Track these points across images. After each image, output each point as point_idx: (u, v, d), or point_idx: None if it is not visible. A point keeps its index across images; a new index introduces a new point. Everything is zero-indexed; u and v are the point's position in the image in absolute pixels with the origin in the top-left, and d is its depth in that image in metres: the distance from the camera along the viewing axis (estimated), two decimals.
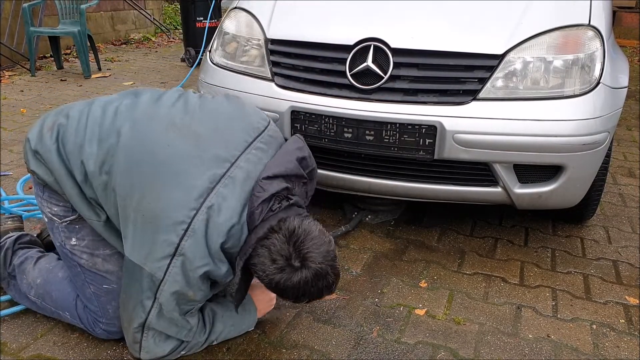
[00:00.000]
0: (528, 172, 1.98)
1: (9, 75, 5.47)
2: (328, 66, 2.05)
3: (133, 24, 8.21)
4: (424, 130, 1.91)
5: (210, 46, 2.48)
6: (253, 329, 1.71)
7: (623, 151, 3.58)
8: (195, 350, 1.58)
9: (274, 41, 2.18)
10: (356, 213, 2.43)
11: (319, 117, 2.01)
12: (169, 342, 1.50)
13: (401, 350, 1.65)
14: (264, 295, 1.71)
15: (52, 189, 1.55)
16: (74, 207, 1.52)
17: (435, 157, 1.93)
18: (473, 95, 1.91)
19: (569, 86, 1.92)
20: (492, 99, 1.91)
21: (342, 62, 2.01)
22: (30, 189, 2.70)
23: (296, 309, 1.82)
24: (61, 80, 5.37)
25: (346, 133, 1.99)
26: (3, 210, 2.37)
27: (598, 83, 1.94)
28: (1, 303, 1.78)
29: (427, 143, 1.92)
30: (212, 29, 5.26)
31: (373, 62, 1.97)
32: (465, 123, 1.88)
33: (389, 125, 1.93)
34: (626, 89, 2.10)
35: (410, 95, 1.95)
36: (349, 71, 2.00)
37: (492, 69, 1.92)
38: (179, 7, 6.73)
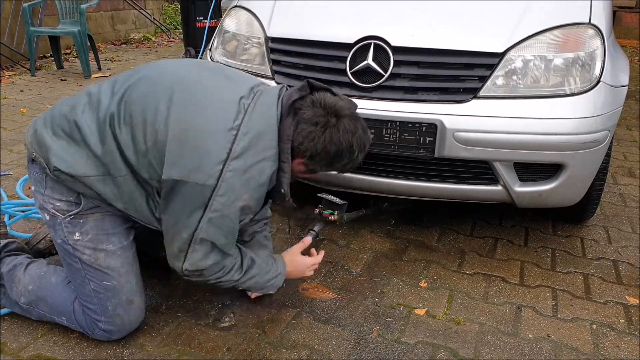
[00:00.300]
0: (528, 171, 1.98)
1: (9, 75, 5.47)
2: (328, 64, 2.04)
3: (133, 24, 8.21)
4: (424, 128, 1.90)
5: (210, 44, 2.48)
6: (254, 329, 1.71)
7: (623, 151, 3.58)
8: (225, 285, 1.63)
9: (274, 39, 2.17)
10: (373, 200, 2.42)
11: None
12: (212, 257, 1.52)
13: (401, 350, 1.65)
14: (296, 261, 1.83)
15: (55, 182, 1.53)
16: (97, 169, 1.49)
17: (435, 156, 1.93)
18: (473, 93, 1.91)
19: (570, 84, 1.92)
20: (493, 97, 1.91)
21: (343, 61, 2.01)
22: (30, 189, 2.70)
23: (296, 309, 1.82)
24: (61, 80, 5.37)
25: None
26: (3, 211, 2.37)
27: (598, 81, 1.94)
28: (1, 303, 1.77)
29: (428, 141, 1.91)
30: (212, 29, 5.25)
31: (373, 60, 1.97)
32: (465, 121, 1.88)
33: (389, 123, 1.93)
34: (626, 88, 2.10)
35: (410, 93, 1.95)
36: (350, 69, 1.99)
37: (493, 67, 1.91)
38: (179, 7, 6.73)
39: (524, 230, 2.45)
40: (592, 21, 1.98)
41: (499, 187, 2.00)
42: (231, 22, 2.37)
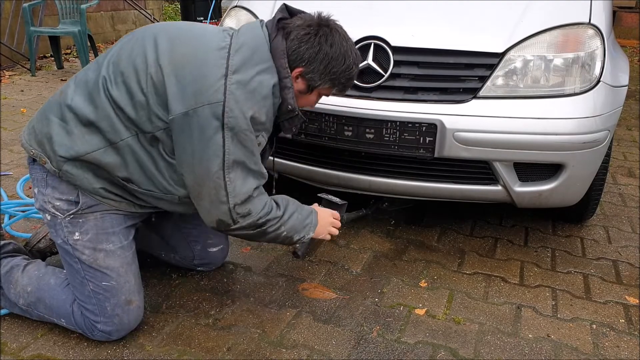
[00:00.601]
0: (528, 171, 1.98)
1: (9, 75, 5.47)
2: None
3: (133, 24, 8.21)
4: (424, 128, 1.90)
5: None
6: (255, 329, 1.71)
7: (623, 151, 3.58)
8: (272, 229, 1.58)
9: None
10: (373, 200, 2.42)
11: (319, 116, 2.00)
12: (250, 180, 1.50)
13: (401, 350, 1.65)
14: (319, 210, 1.78)
15: (56, 180, 1.54)
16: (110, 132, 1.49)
17: (435, 156, 1.93)
18: (473, 93, 1.91)
19: (569, 84, 1.92)
20: (493, 97, 1.91)
21: None
22: (30, 189, 2.70)
23: (296, 309, 1.82)
24: (61, 80, 5.37)
25: (346, 131, 1.98)
26: (3, 211, 2.37)
27: (598, 81, 1.94)
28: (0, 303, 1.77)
29: (427, 141, 1.91)
30: None
31: (373, 61, 1.97)
32: (465, 121, 1.88)
33: (389, 123, 1.93)
34: (626, 88, 2.10)
35: (410, 93, 1.95)
36: None
37: (493, 67, 1.91)
38: (179, 7, 6.73)
39: (524, 230, 2.45)
40: (592, 21, 1.98)
41: (499, 187, 2.00)
42: (231, 22, 2.37)
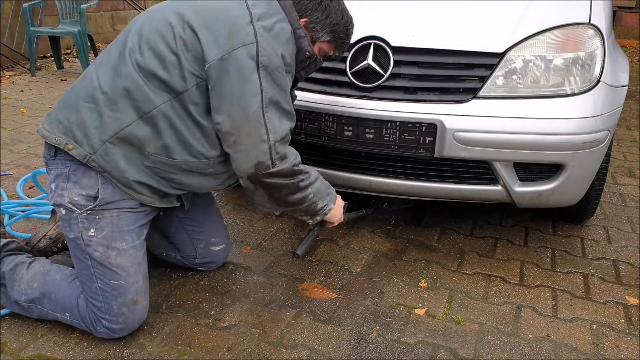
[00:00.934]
0: (528, 171, 1.98)
1: (9, 75, 5.47)
2: (328, 64, 2.04)
3: None
4: (424, 128, 1.90)
5: None
6: (255, 329, 1.71)
7: (623, 151, 3.58)
8: (303, 185, 1.66)
9: None
10: (373, 200, 2.42)
11: (319, 115, 2.00)
12: (285, 121, 1.59)
13: (401, 350, 1.65)
14: (340, 200, 1.87)
15: (80, 173, 1.54)
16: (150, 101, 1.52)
17: (435, 156, 1.93)
18: (473, 93, 1.91)
19: (569, 84, 1.92)
20: (493, 97, 1.91)
21: (343, 60, 2.01)
22: (30, 189, 2.70)
23: (296, 309, 1.82)
24: (61, 80, 5.38)
25: (346, 131, 1.98)
26: (3, 211, 2.37)
27: (598, 81, 1.94)
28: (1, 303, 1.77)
29: (427, 141, 1.91)
30: None
31: (373, 61, 1.97)
32: (465, 121, 1.88)
33: (389, 123, 1.93)
34: (626, 88, 2.10)
35: (410, 93, 1.95)
36: (349, 69, 1.99)
37: (493, 67, 1.91)
38: None
39: (524, 230, 2.45)
40: (592, 21, 1.98)
41: (499, 187, 2.00)
42: None
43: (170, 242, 1.96)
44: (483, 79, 1.92)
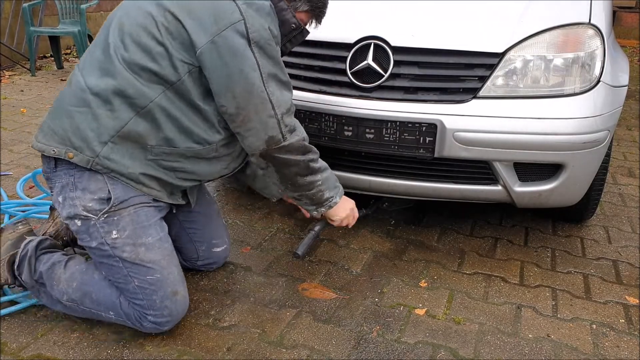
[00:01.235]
0: (528, 171, 1.98)
1: (9, 75, 5.47)
2: (328, 64, 2.04)
3: None
4: (424, 128, 1.90)
5: None
6: (255, 329, 1.71)
7: (623, 151, 3.58)
8: (314, 158, 1.70)
9: None
10: (373, 200, 2.42)
11: (319, 115, 2.00)
12: (286, 92, 1.60)
13: (401, 350, 1.65)
14: (346, 200, 1.89)
15: (87, 178, 1.53)
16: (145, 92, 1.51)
17: (435, 156, 1.93)
18: (473, 93, 1.91)
19: (569, 84, 1.92)
20: (493, 97, 1.91)
21: (343, 61, 2.01)
22: (30, 189, 2.70)
23: (296, 309, 1.82)
24: (61, 80, 5.37)
25: (346, 131, 1.98)
26: (3, 211, 2.37)
27: (598, 81, 1.94)
28: (1, 303, 1.77)
29: (427, 141, 1.91)
30: None
31: (373, 61, 1.97)
32: (465, 121, 1.88)
33: (389, 123, 1.93)
34: (626, 88, 2.10)
35: (410, 93, 1.95)
36: (350, 69, 1.99)
37: (493, 67, 1.91)
38: None
39: (524, 230, 2.45)
40: (592, 21, 1.98)
41: (499, 187, 2.00)
42: None
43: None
44: (483, 79, 1.92)
